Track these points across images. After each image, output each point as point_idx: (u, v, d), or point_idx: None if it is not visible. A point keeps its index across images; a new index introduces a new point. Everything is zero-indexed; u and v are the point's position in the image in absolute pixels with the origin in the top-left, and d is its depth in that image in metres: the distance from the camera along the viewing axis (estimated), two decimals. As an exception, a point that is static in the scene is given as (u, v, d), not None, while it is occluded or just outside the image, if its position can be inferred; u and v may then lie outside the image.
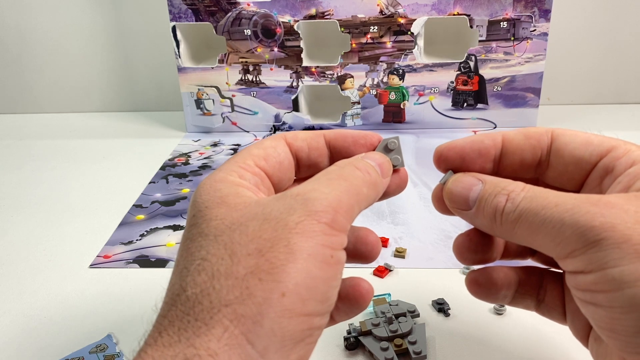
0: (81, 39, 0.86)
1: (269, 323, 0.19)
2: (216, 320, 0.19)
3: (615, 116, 0.79)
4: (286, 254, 0.20)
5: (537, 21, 0.68)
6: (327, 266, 0.21)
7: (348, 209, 0.22)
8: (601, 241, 0.20)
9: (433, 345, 0.37)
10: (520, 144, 0.26)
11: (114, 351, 0.37)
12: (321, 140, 0.28)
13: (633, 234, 0.20)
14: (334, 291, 0.21)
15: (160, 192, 0.61)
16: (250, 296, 0.19)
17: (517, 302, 0.29)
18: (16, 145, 0.78)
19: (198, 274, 0.20)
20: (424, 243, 0.49)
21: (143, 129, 0.81)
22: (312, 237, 0.20)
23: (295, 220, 0.21)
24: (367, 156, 0.26)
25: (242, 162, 0.25)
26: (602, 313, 0.21)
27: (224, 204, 0.22)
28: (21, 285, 0.46)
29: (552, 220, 0.21)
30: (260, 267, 0.20)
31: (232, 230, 0.21)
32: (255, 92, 0.75)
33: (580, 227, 0.21)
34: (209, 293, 0.20)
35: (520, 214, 0.23)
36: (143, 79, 0.89)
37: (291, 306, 0.19)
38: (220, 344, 0.19)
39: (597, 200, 0.21)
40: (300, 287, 0.20)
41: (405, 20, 0.70)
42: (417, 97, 0.73)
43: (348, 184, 0.23)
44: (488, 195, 0.25)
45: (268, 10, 0.71)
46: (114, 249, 0.50)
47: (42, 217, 0.57)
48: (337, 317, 0.26)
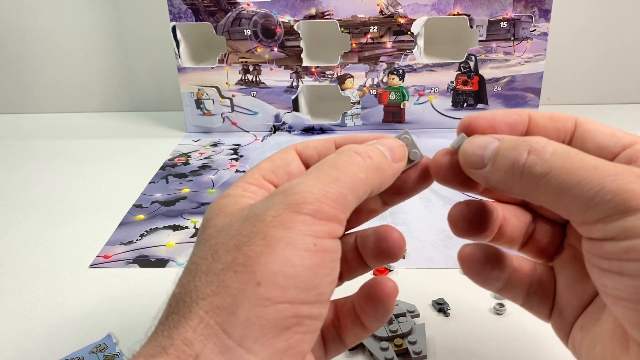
0: (81, 39, 0.86)
1: (243, 312, 0.19)
2: (193, 313, 0.20)
3: (615, 116, 0.79)
4: (262, 246, 0.20)
5: (537, 21, 0.68)
6: (309, 254, 0.20)
7: (337, 198, 0.22)
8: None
9: (433, 345, 0.37)
10: (546, 124, 0.26)
11: (114, 351, 0.37)
12: (331, 146, 0.27)
13: None
14: (321, 280, 0.21)
15: (160, 192, 0.61)
16: (225, 288, 0.20)
17: (506, 291, 0.28)
18: (16, 145, 0.78)
19: (184, 276, 0.21)
20: (424, 243, 0.49)
21: (143, 129, 0.82)
22: (291, 228, 0.20)
23: (273, 214, 0.21)
24: (377, 142, 0.25)
25: (250, 177, 0.25)
26: (628, 282, 0.20)
27: (222, 213, 0.23)
28: (21, 285, 0.46)
29: (590, 182, 0.21)
30: (236, 260, 0.20)
31: (219, 232, 0.22)
32: (255, 92, 0.75)
33: (624, 193, 0.20)
34: (190, 290, 0.20)
35: (549, 169, 0.22)
36: (143, 79, 0.89)
37: (268, 294, 0.19)
38: (195, 334, 0.19)
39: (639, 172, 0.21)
40: (277, 275, 0.20)
41: (405, 20, 0.70)
42: (417, 97, 0.73)
43: (339, 172, 0.22)
44: (505, 149, 0.23)
45: (268, 10, 0.71)
46: (114, 249, 0.50)
47: (42, 217, 0.57)
48: (367, 324, 0.26)
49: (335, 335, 0.26)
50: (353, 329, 0.26)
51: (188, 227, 0.54)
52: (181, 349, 0.19)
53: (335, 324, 0.27)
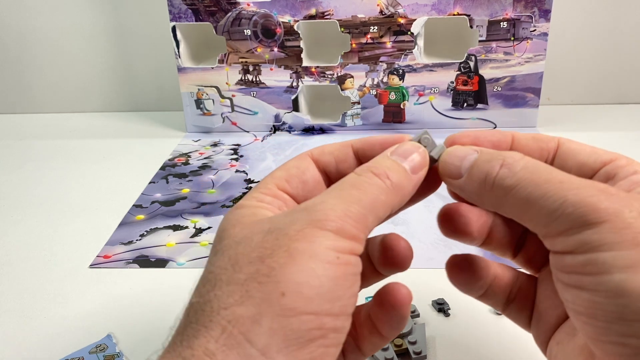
0: (81, 39, 0.86)
1: (268, 322, 0.19)
2: (215, 322, 0.19)
3: (615, 116, 0.79)
4: (286, 258, 0.20)
5: (537, 21, 0.68)
6: (332, 266, 0.20)
7: (359, 219, 0.22)
8: (602, 223, 0.20)
9: (433, 345, 0.37)
10: (529, 144, 0.26)
11: (114, 351, 0.37)
12: (349, 151, 0.27)
13: (635, 223, 0.20)
14: (344, 292, 0.21)
15: (160, 192, 0.61)
16: (250, 298, 0.19)
17: (487, 298, 0.29)
18: (16, 145, 0.78)
19: (203, 286, 0.21)
20: (424, 243, 0.49)
21: (143, 129, 0.82)
22: (313, 242, 0.20)
23: (297, 229, 0.21)
24: (395, 151, 0.25)
25: (263, 187, 0.25)
26: (585, 296, 0.21)
27: (238, 224, 0.23)
28: (21, 285, 0.46)
29: (554, 194, 0.21)
30: (260, 271, 0.20)
31: (238, 244, 0.22)
32: (255, 92, 0.75)
33: (584, 206, 0.20)
34: (211, 300, 0.20)
35: (518, 182, 0.22)
36: (143, 79, 0.89)
37: (292, 304, 0.19)
38: (218, 344, 0.19)
39: (604, 187, 0.21)
40: (302, 286, 0.20)
41: (405, 20, 0.70)
42: (417, 97, 0.73)
43: (360, 193, 0.22)
44: (481, 162, 0.24)
45: (268, 10, 0.71)
46: (114, 249, 0.50)
47: (42, 217, 0.57)
48: (384, 332, 0.26)
49: (354, 345, 0.26)
50: (370, 338, 0.26)
51: (188, 227, 0.54)
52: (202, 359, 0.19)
53: (353, 333, 0.26)
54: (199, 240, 0.51)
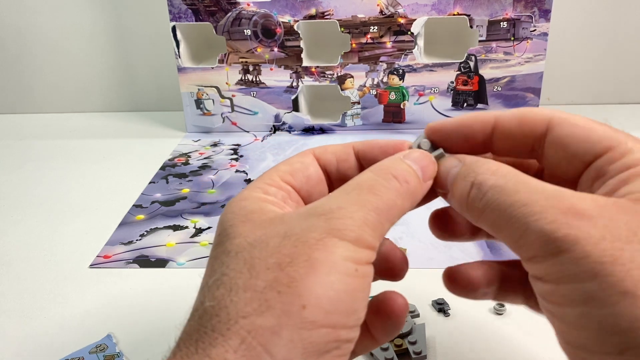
0: (81, 39, 0.86)
1: (288, 334, 0.19)
2: (233, 331, 0.19)
3: (615, 116, 0.79)
4: (306, 268, 0.20)
5: (537, 21, 0.68)
6: (351, 279, 0.20)
7: (376, 227, 0.22)
8: (561, 253, 0.19)
9: (433, 345, 0.37)
10: (513, 130, 0.25)
11: (114, 351, 0.37)
12: (350, 152, 0.27)
13: (593, 251, 0.19)
14: (360, 304, 0.21)
15: (160, 192, 0.61)
16: (269, 308, 0.19)
17: (502, 297, 0.28)
18: (16, 145, 0.78)
19: (217, 288, 0.20)
20: (424, 243, 0.49)
21: (143, 129, 0.82)
22: (334, 252, 0.20)
23: (316, 237, 0.20)
24: (408, 156, 0.25)
25: (268, 178, 0.25)
26: (556, 323, 0.21)
27: (248, 221, 0.22)
28: (21, 285, 0.46)
29: (518, 221, 0.21)
30: (279, 280, 0.20)
31: (253, 247, 0.21)
32: (255, 92, 0.75)
33: (543, 236, 0.20)
34: (227, 305, 0.20)
35: (486, 204, 0.22)
36: (143, 79, 0.89)
37: (313, 318, 0.19)
38: (236, 355, 0.19)
39: (567, 207, 0.20)
40: (322, 299, 0.19)
41: (405, 20, 0.70)
42: (417, 97, 0.73)
43: (378, 199, 0.22)
44: (461, 178, 0.23)
45: (268, 10, 0.71)
46: (114, 249, 0.50)
47: (42, 217, 0.57)
48: (377, 337, 0.26)
49: None
50: (362, 340, 0.25)
51: (188, 227, 0.54)
52: None
53: None
54: (199, 240, 0.51)
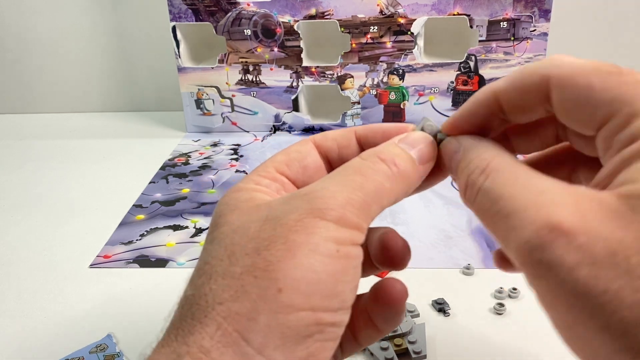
0: (81, 39, 0.86)
1: (264, 319, 0.19)
2: (210, 318, 0.19)
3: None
4: (283, 251, 0.19)
5: (537, 21, 0.68)
6: (332, 260, 0.20)
7: (361, 206, 0.21)
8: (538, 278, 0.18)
9: (433, 345, 0.37)
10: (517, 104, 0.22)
11: (114, 351, 0.37)
12: (352, 137, 0.26)
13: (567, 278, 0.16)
14: (344, 286, 0.20)
15: (160, 192, 0.61)
16: (245, 293, 0.19)
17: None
18: (16, 145, 0.78)
19: (198, 277, 0.20)
20: (424, 243, 0.49)
21: (143, 129, 0.82)
22: (314, 233, 0.20)
23: (296, 218, 0.20)
24: (404, 139, 0.24)
25: (262, 170, 0.24)
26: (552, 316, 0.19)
27: (237, 209, 0.22)
28: (21, 285, 0.46)
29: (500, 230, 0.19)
30: (256, 265, 0.19)
31: (235, 232, 0.21)
32: (255, 92, 0.75)
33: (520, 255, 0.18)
34: (205, 293, 0.20)
35: (477, 209, 0.21)
36: (143, 79, 0.89)
37: (290, 302, 0.19)
38: (213, 341, 0.18)
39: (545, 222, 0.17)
40: (299, 282, 0.19)
41: (405, 20, 0.70)
42: (417, 97, 0.73)
43: (364, 180, 0.21)
44: (460, 171, 0.22)
45: (268, 10, 0.71)
46: (114, 249, 0.50)
47: (42, 217, 0.57)
48: (380, 326, 0.25)
49: (350, 335, 0.26)
50: (366, 330, 0.26)
51: (188, 227, 0.54)
52: (197, 357, 0.18)
53: (349, 324, 0.26)
54: (199, 240, 0.51)
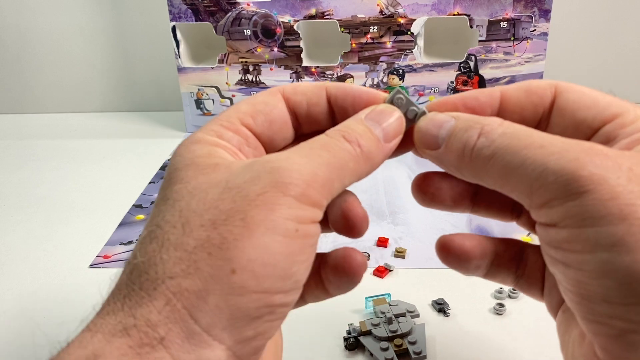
0: (81, 39, 0.86)
1: (214, 300, 0.18)
2: (159, 291, 0.18)
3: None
4: (241, 228, 0.19)
5: (537, 21, 0.68)
6: (289, 240, 0.19)
7: (325, 183, 0.20)
8: (586, 194, 0.18)
9: (433, 345, 0.37)
10: (521, 101, 0.24)
11: (114, 351, 0.37)
12: (322, 94, 0.25)
13: (623, 192, 0.17)
14: (299, 267, 0.20)
15: (160, 192, 0.61)
16: (197, 270, 0.18)
17: (492, 275, 0.26)
18: (16, 145, 0.78)
19: (149, 242, 0.20)
20: (424, 243, 0.49)
21: (143, 129, 0.82)
22: (274, 210, 0.19)
23: (257, 191, 0.19)
24: (371, 115, 0.23)
25: (226, 119, 0.23)
26: (571, 274, 0.19)
27: (193, 165, 0.21)
28: (21, 285, 0.46)
29: (534, 162, 0.19)
30: (211, 240, 0.19)
31: (192, 195, 0.20)
32: (255, 92, 0.75)
33: (565, 174, 0.18)
34: (156, 263, 0.19)
35: (495, 150, 0.20)
36: (143, 79, 0.89)
37: (242, 283, 0.18)
38: (160, 316, 0.18)
39: (589, 147, 0.19)
40: (254, 263, 0.18)
41: (405, 20, 0.70)
42: (417, 97, 0.73)
43: (330, 156, 0.21)
44: (458, 130, 0.22)
45: (268, 10, 0.71)
46: (114, 249, 0.50)
47: (42, 217, 0.57)
48: (331, 291, 0.24)
49: None
50: (315, 290, 0.25)
51: (188, 227, 0.54)
52: (144, 331, 0.18)
53: None
54: (199, 240, 0.51)
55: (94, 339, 0.18)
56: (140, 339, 0.18)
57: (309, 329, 0.38)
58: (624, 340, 0.18)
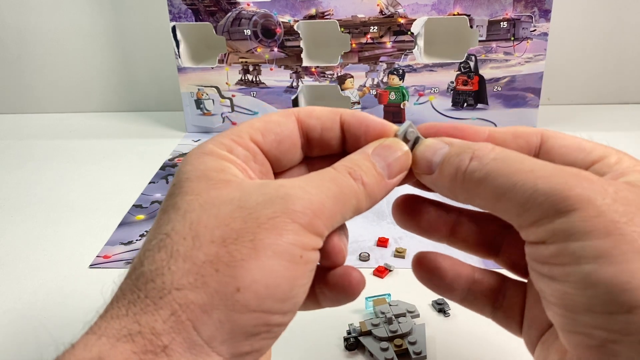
0: (81, 39, 0.86)
1: (218, 314, 0.19)
2: (165, 301, 0.19)
3: (615, 116, 0.79)
4: (249, 249, 0.19)
5: (537, 21, 0.68)
6: (293, 265, 0.20)
7: (330, 216, 0.21)
8: (572, 212, 0.19)
9: (433, 345, 0.37)
10: (507, 142, 0.25)
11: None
12: (337, 120, 0.26)
13: (608, 210, 0.19)
14: (298, 290, 0.21)
15: (160, 192, 0.61)
16: (204, 285, 0.19)
17: (469, 303, 0.28)
18: (16, 145, 0.78)
19: (158, 251, 0.20)
20: (424, 243, 0.48)
21: (143, 129, 0.82)
22: (282, 235, 0.20)
23: (269, 215, 0.20)
24: (378, 150, 0.24)
25: (237, 134, 0.24)
26: (556, 287, 0.20)
27: (204, 177, 0.22)
28: (21, 285, 0.46)
29: (525, 184, 0.20)
30: (220, 257, 0.19)
31: (203, 209, 0.21)
32: (255, 92, 0.75)
33: (554, 195, 0.20)
34: (164, 273, 0.19)
35: (487, 173, 0.22)
36: (143, 79, 0.89)
37: (245, 302, 0.19)
38: (165, 325, 0.19)
39: (577, 172, 0.20)
40: (258, 284, 0.19)
41: (405, 20, 0.70)
42: (417, 97, 0.73)
43: (338, 190, 0.22)
44: (451, 155, 0.23)
45: (268, 10, 0.71)
46: (114, 249, 0.50)
47: (42, 217, 0.57)
48: (323, 303, 0.25)
49: None
50: (306, 303, 0.25)
51: (188, 227, 0.54)
52: (148, 338, 0.18)
53: None
54: (199, 240, 0.51)
55: (99, 342, 0.19)
56: (144, 346, 0.18)
57: (309, 329, 0.38)
58: (605, 350, 0.19)
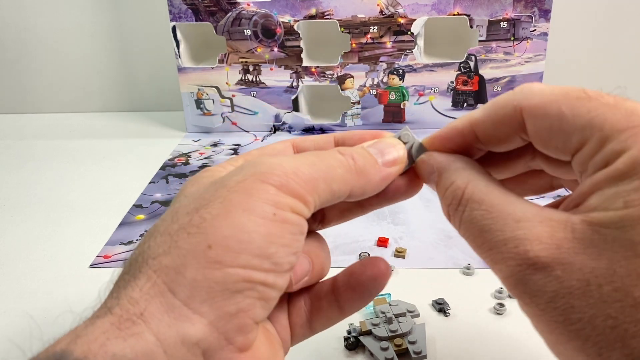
0: (81, 39, 0.86)
1: (191, 273, 0.19)
2: (143, 272, 0.20)
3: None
4: (219, 209, 0.20)
5: (537, 21, 0.68)
6: (267, 222, 0.20)
7: (308, 180, 0.21)
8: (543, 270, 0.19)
9: (433, 345, 0.37)
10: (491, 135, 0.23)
11: (114, 351, 0.37)
12: (330, 141, 0.27)
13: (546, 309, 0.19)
14: (278, 249, 0.20)
15: (160, 192, 0.61)
16: (177, 248, 0.20)
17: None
18: (16, 145, 0.78)
19: (143, 239, 0.21)
20: (424, 243, 0.49)
21: (143, 129, 0.82)
22: (252, 194, 0.20)
23: (238, 179, 0.21)
24: (372, 144, 0.25)
25: (233, 159, 0.26)
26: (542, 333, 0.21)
27: (196, 183, 0.24)
28: (21, 285, 0.46)
29: (487, 257, 0.21)
30: (191, 222, 0.20)
31: (186, 197, 0.22)
32: (255, 92, 0.75)
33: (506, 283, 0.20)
34: (144, 251, 0.20)
35: (462, 233, 0.22)
36: (143, 79, 0.89)
37: (217, 258, 0.19)
38: (142, 292, 0.19)
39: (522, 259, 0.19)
40: (229, 239, 0.20)
41: (405, 20, 0.70)
42: (417, 97, 0.73)
43: (317, 159, 0.22)
44: (439, 193, 0.24)
45: (268, 10, 0.71)
46: (114, 249, 0.50)
47: (42, 217, 0.57)
48: (346, 307, 0.26)
49: (305, 318, 0.26)
50: (327, 311, 0.26)
51: (188, 227, 0.54)
52: (125, 308, 0.19)
53: (307, 305, 0.26)
54: (199, 240, 0.51)
55: (81, 326, 0.20)
56: (121, 316, 0.19)
57: (309, 329, 0.38)
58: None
